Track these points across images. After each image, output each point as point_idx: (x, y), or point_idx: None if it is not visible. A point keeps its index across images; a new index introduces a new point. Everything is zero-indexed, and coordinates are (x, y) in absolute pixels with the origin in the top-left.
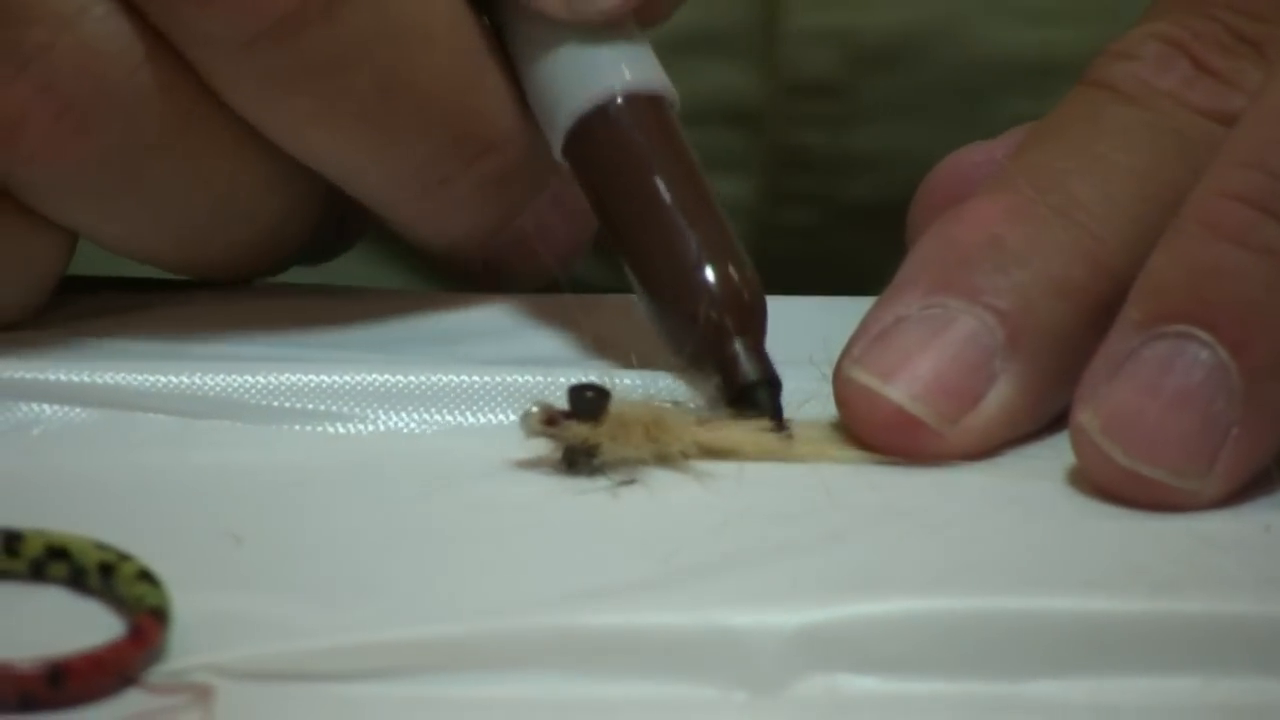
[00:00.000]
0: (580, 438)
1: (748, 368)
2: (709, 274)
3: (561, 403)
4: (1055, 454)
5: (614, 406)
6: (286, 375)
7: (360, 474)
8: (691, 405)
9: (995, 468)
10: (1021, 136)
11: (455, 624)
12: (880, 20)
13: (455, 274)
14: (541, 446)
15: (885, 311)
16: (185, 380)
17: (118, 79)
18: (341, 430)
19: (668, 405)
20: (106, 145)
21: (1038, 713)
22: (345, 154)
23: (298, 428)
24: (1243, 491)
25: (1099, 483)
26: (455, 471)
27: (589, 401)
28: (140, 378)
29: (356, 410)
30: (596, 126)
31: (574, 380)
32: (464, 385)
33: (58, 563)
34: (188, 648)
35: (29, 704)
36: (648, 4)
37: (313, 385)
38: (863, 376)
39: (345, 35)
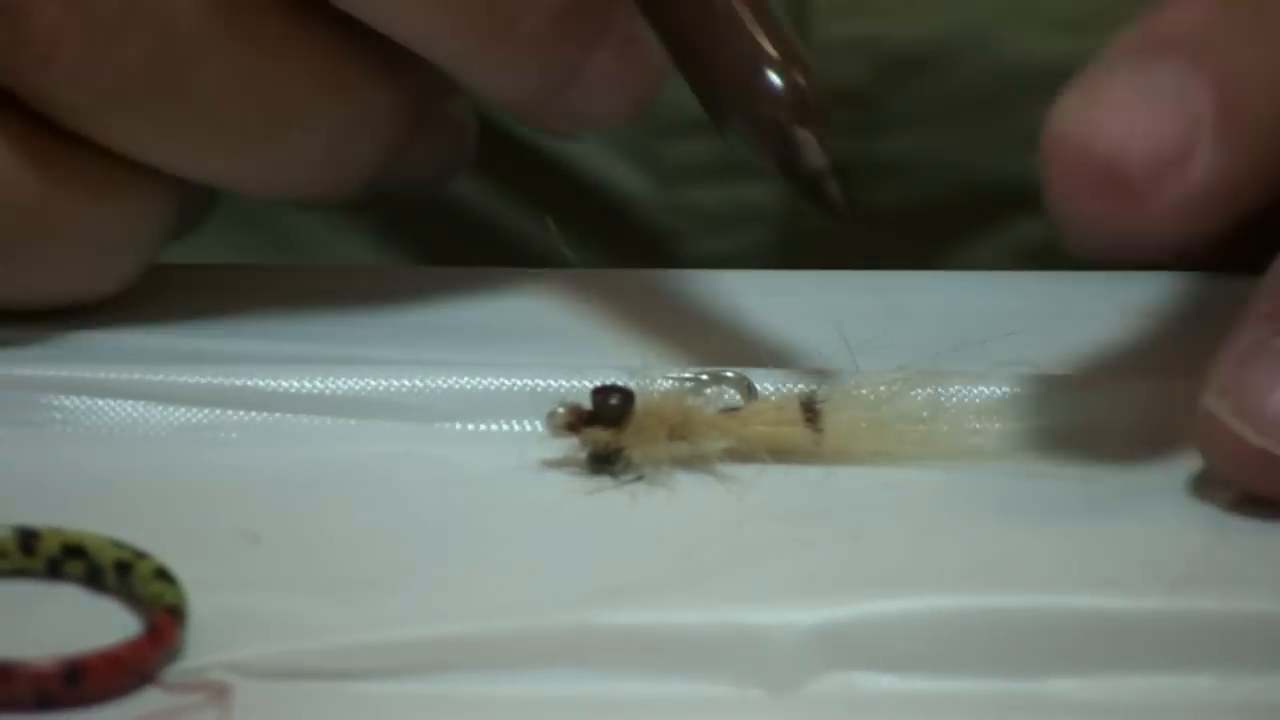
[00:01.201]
0: (604, 440)
1: (813, 156)
2: (769, 72)
3: (588, 403)
4: (1071, 455)
5: (639, 407)
6: (307, 381)
7: (377, 473)
8: (718, 403)
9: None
10: None
11: (473, 623)
12: (908, 29)
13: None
14: (567, 447)
15: (1244, 335)
16: (203, 381)
17: None
18: (360, 429)
19: (693, 404)
20: (143, 53)
21: (1055, 711)
22: (407, 8)
23: (316, 425)
24: None
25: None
26: (474, 471)
27: (613, 406)
28: (157, 378)
29: (379, 411)
30: None
31: (599, 382)
32: (491, 389)
33: (74, 561)
34: (205, 646)
35: (46, 702)
36: None
37: (338, 388)
38: (1226, 415)
39: None
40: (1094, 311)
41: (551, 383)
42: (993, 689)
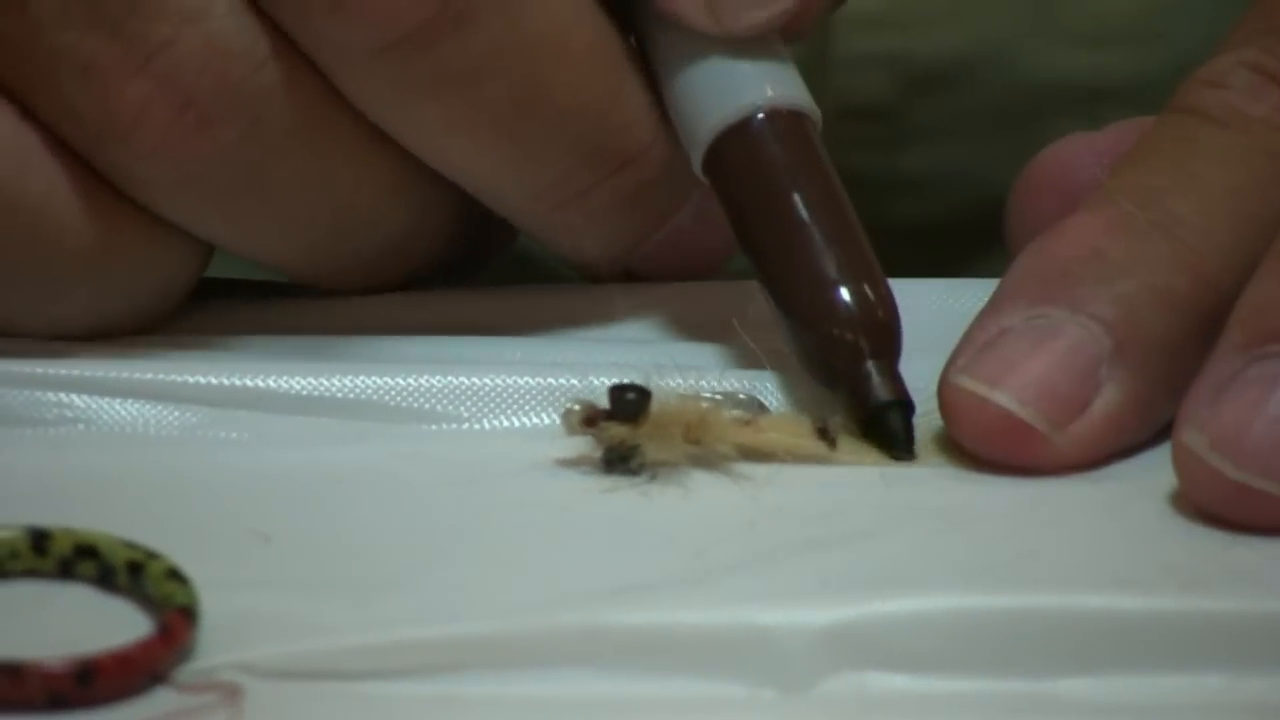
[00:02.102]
0: (620, 438)
1: (880, 389)
2: (844, 294)
3: (603, 402)
4: None
5: (655, 406)
6: (323, 379)
7: (389, 473)
8: (734, 404)
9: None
10: (1122, 130)
11: (485, 622)
12: (930, 44)
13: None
14: (582, 445)
15: (989, 323)
16: (215, 381)
17: (241, 76)
18: (373, 430)
19: (709, 404)
20: (227, 143)
21: (1066, 711)
22: (480, 164)
23: (328, 426)
24: None
25: (1206, 500)
26: (486, 470)
27: (629, 402)
28: (170, 377)
29: (392, 409)
30: (738, 142)
31: (615, 380)
32: (505, 387)
33: (86, 561)
34: (216, 646)
35: (58, 703)
36: (794, 19)
37: (349, 387)
38: (970, 383)
39: (478, 46)
40: None
41: (563, 381)
42: (1004, 689)
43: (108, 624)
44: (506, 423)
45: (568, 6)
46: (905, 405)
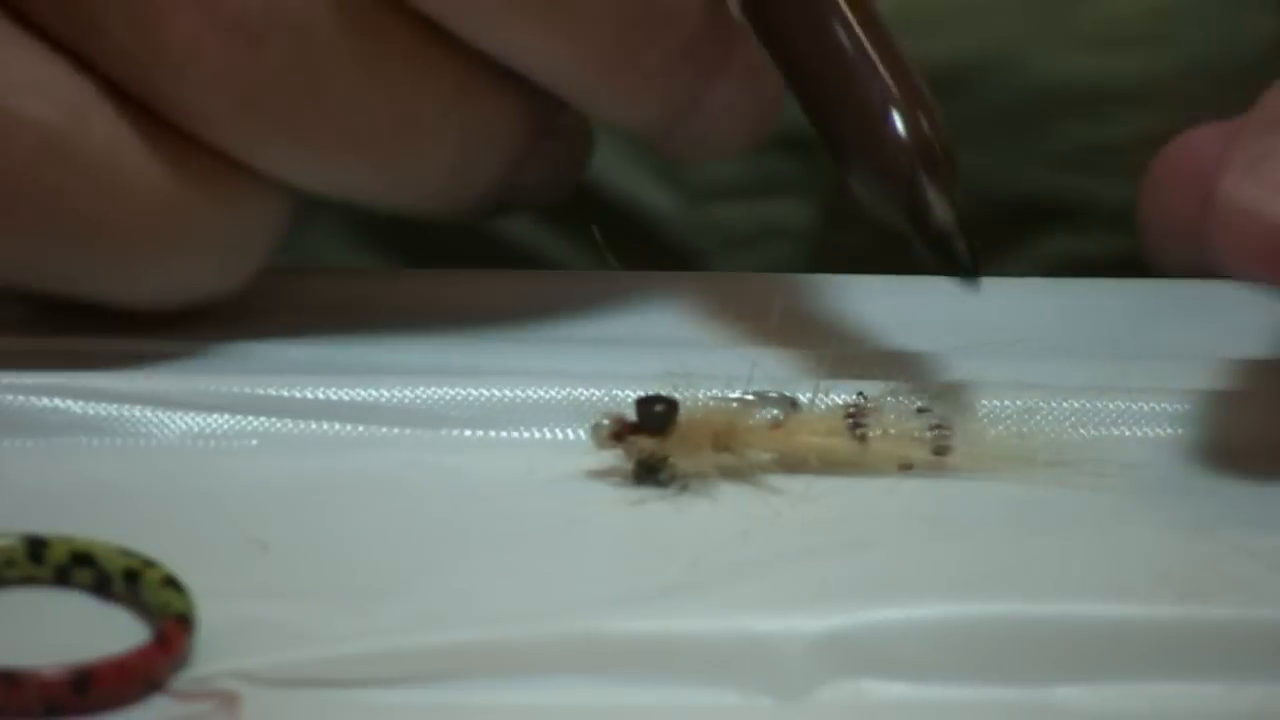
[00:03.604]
0: (648, 450)
1: (941, 216)
2: (897, 119)
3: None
4: (1085, 461)
5: (683, 415)
6: (334, 391)
7: (387, 480)
8: (765, 403)
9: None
10: (1247, 119)
11: (482, 630)
12: (937, 48)
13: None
14: (581, 456)
15: (1254, 144)
16: (213, 388)
17: None
18: (379, 437)
19: (738, 408)
20: (280, 61)
21: (1063, 718)
22: (534, 40)
23: (329, 432)
24: (1270, 499)
25: (1243, 257)
26: (483, 479)
27: (657, 415)
28: (164, 385)
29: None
30: None
31: (642, 392)
32: (530, 400)
33: (83, 569)
34: (213, 654)
35: (55, 711)
36: None
37: (354, 398)
38: (1244, 198)
39: None
40: (1108, 318)
41: (588, 393)
42: (1000, 696)
43: (105, 632)
44: (505, 434)
45: None
46: (966, 227)
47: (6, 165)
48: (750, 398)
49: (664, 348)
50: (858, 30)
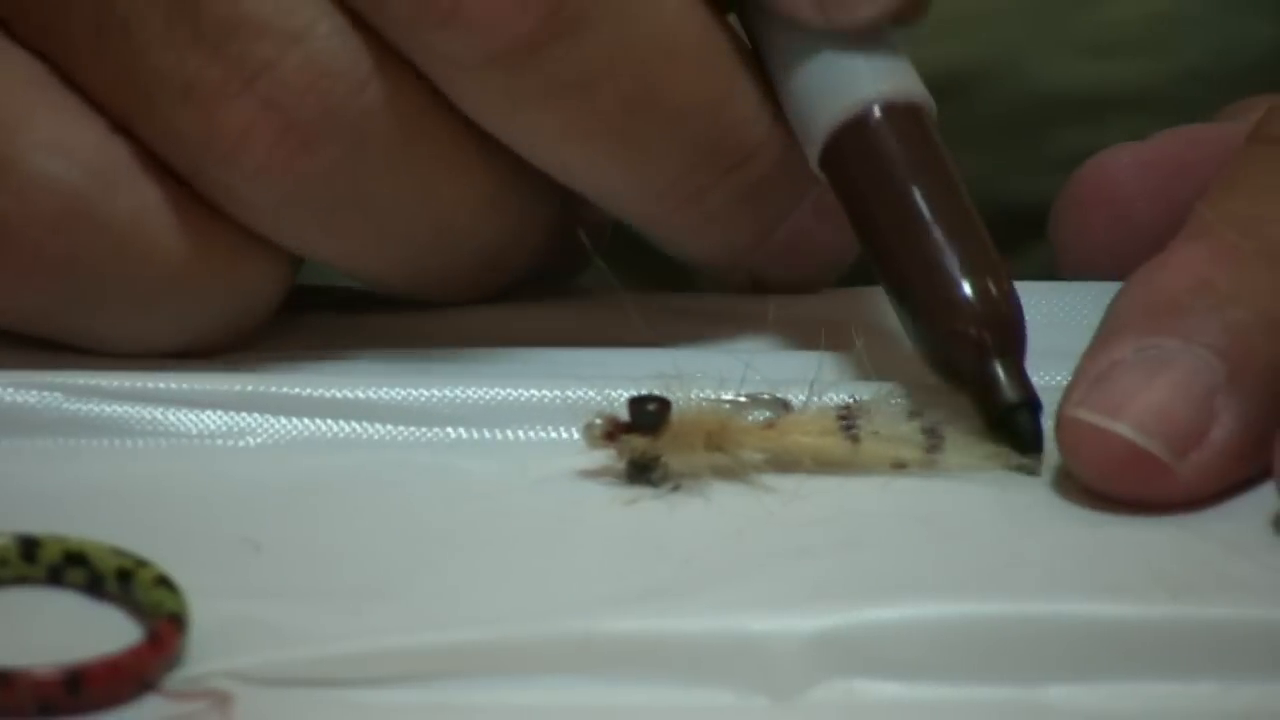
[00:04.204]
0: (641, 450)
1: (1008, 389)
2: (968, 289)
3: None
4: None
5: (675, 415)
6: (326, 390)
7: (379, 482)
8: (758, 405)
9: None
10: (1165, 140)
11: (475, 630)
12: (934, 55)
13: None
14: (574, 457)
15: (1100, 357)
16: (209, 387)
17: (344, 96)
18: (374, 436)
19: (730, 409)
20: (330, 163)
21: (1057, 718)
22: (596, 169)
23: (321, 431)
24: (1262, 497)
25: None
26: (477, 479)
27: (649, 414)
28: (158, 384)
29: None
30: (854, 138)
31: (634, 392)
32: (523, 400)
33: (75, 568)
34: (206, 653)
35: (48, 710)
36: (904, 8)
37: (356, 397)
38: (1090, 416)
39: (589, 53)
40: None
41: (581, 393)
42: (994, 695)
43: (97, 632)
44: (498, 434)
45: (676, 6)
46: (1033, 405)
47: (27, 227)
48: (743, 399)
49: (656, 348)
50: (934, 194)
